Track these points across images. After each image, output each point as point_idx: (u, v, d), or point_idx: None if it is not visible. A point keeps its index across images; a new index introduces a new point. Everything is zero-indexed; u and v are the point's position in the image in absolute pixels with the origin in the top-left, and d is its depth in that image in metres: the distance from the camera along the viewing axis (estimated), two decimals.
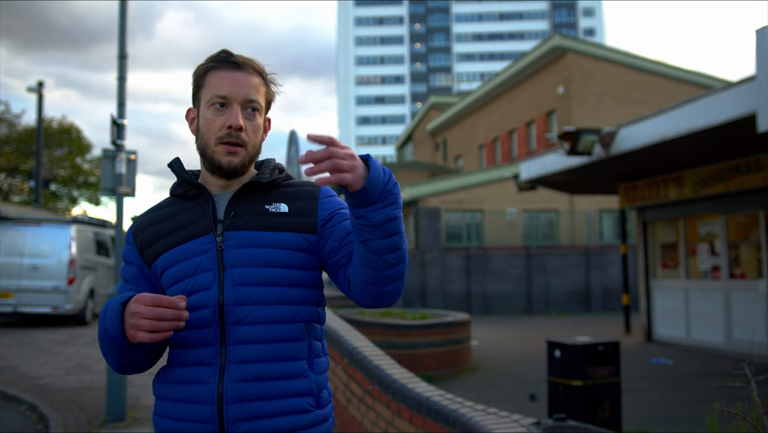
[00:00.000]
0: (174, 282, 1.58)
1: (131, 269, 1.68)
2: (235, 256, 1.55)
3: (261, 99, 1.62)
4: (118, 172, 6.49)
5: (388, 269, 1.48)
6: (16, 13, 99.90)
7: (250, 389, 1.50)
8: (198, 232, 1.59)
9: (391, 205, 1.44)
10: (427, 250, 18.44)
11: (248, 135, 1.60)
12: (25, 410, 6.53)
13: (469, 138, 31.75)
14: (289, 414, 1.52)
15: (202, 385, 1.51)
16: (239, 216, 1.59)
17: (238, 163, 1.59)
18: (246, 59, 1.63)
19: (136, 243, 1.67)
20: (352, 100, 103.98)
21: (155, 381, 1.63)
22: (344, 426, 5.01)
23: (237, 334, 1.52)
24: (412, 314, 9.50)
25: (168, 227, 1.63)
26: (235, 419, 1.49)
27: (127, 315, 1.44)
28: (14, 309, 12.72)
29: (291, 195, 1.65)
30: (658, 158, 9.95)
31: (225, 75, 1.59)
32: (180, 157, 1.71)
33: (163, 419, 1.57)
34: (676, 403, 6.83)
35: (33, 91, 20.66)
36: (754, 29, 6.58)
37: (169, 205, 1.69)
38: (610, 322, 14.94)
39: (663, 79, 23.72)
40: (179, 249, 1.59)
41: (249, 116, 1.60)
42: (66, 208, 35.45)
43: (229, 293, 1.53)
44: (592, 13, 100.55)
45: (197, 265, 1.56)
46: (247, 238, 1.57)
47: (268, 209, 1.60)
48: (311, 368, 1.58)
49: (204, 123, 1.60)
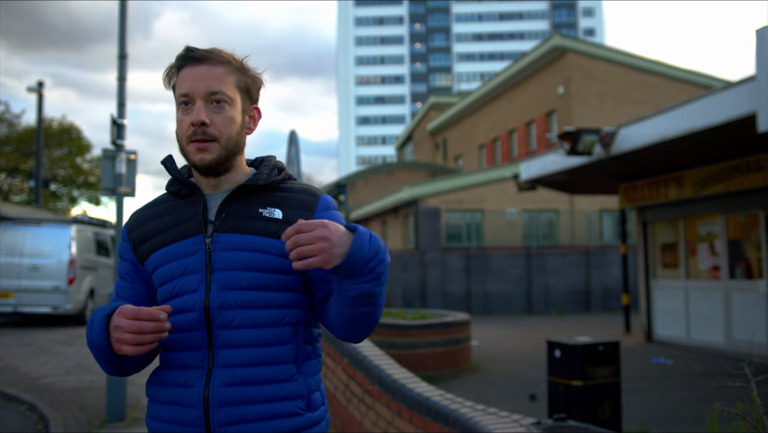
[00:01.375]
0: (163, 282, 1.57)
1: (126, 265, 1.66)
2: (224, 259, 1.52)
3: (227, 89, 1.55)
4: (118, 172, 6.49)
5: (356, 328, 1.54)
6: (13, 13, 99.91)
7: (236, 393, 1.48)
8: (188, 232, 1.57)
9: (371, 282, 1.44)
10: (427, 250, 18.44)
11: (217, 129, 1.54)
12: (25, 410, 6.53)
13: (469, 138, 31.75)
14: (277, 418, 1.51)
15: (189, 388, 1.50)
16: (230, 218, 1.56)
17: (211, 159, 1.55)
18: (208, 51, 1.57)
19: (130, 240, 1.64)
20: (352, 100, 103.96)
21: (148, 383, 1.61)
22: (344, 426, 5.00)
23: (223, 338, 1.50)
24: (412, 314, 9.50)
25: (160, 225, 1.61)
26: (221, 423, 1.47)
27: (111, 328, 1.43)
28: (14, 309, 12.72)
29: (287, 201, 1.60)
30: (658, 158, 9.95)
31: (188, 72, 1.55)
32: (173, 155, 1.66)
33: (155, 421, 1.56)
34: (676, 403, 6.83)
35: (33, 91, 20.66)
36: (754, 29, 6.58)
37: (163, 203, 1.66)
38: (610, 322, 14.94)
39: (663, 79, 23.72)
40: (169, 249, 1.57)
41: (216, 109, 1.54)
42: (66, 208, 35.45)
43: (216, 296, 1.51)
44: (592, 13, 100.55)
45: (185, 266, 1.54)
46: (237, 241, 1.54)
47: (262, 213, 1.56)
48: (300, 371, 1.56)
49: (177, 124, 1.58)
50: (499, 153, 28.56)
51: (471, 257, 18.42)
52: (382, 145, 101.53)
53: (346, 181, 29.90)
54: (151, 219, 1.63)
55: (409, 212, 20.63)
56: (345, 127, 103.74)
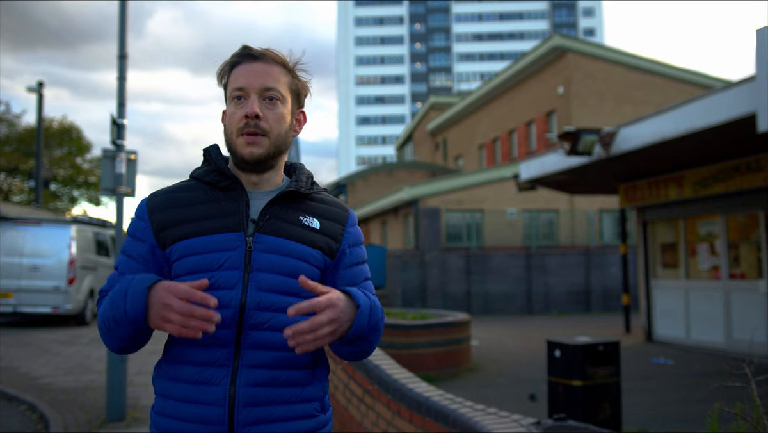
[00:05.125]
0: (192, 272, 1.51)
1: (140, 247, 1.58)
2: (263, 260, 1.53)
3: (281, 87, 1.59)
4: (118, 172, 6.48)
5: (353, 356, 1.64)
6: (3, 12, 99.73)
7: (262, 394, 1.49)
8: (228, 227, 1.54)
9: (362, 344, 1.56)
10: (427, 250, 18.44)
11: (269, 123, 1.56)
12: (25, 410, 6.53)
13: (469, 138, 31.75)
14: (297, 419, 1.54)
15: (213, 386, 1.48)
16: (273, 220, 1.57)
17: (260, 154, 1.56)
18: (265, 50, 1.61)
19: (153, 221, 1.58)
20: (352, 100, 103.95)
21: (157, 377, 1.57)
22: (344, 426, 5.00)
23: (253, 338, 1.50)
24: (412, 314, 9.50)
25: (193, 213, 1.56)
26: (245, 423, 1.48)
27: (156, 303, 1.37)
28: (14, 309, 12.72)
29: (323, 212, 1.65)
30: (658, 158, 9.95)
31: (243, 68, 1.58)
32: (218, 145, 1.67)
33: (167, 418, 1.52)
34: (676, 403, 6.82)
35: (33, 91, 20.65)
36: (754, 29, 6.59)
37: (191, 190, 1.61)
38: (610, 322, 14.94)
39: (663, 79, 23.72)
40: (204, 239, 1.53)
41: (269, 105, 1.57)
42: (66, 208, 35.46)
43: (253, 296, 1.51)
44: (592, 13, 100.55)
45: (224, 260, 1.51)
46: (278, 245, 1.55)
47: (302, 220, 1.60)
48: (315, 374, 1.60)
49: (227, 117, 1.59)
50: (499, 153, 28.56)
51: (471, 257, 18.41)
52: (382, 145, 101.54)
53: (346, 181, 29.89)
54: (181, 205, 1.58)
55: (409, 212, 20.63)
56: (345, 127, 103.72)
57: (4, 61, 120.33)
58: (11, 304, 12.68)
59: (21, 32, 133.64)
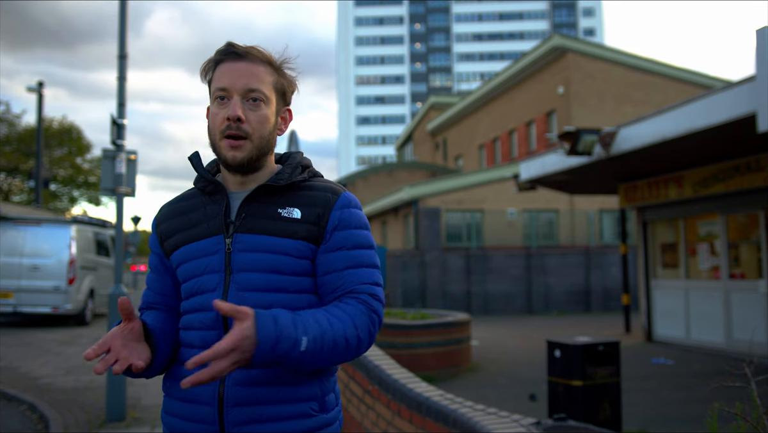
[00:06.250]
0: (185, 279, 1.58)
1: (153, 258, 1.68)
2: (243, 260, 1.52)
3: (265, 88, 1.56)
4: (118, 172, 6.48)
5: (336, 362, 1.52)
6: (2, 12, 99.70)
7: (251, 393, 1.48)
8: (211, 231, 1.56)
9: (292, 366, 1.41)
10: (427, 250, 18.44)
11: (251, 126, 1.53)
12: (25, 410, 6.53)
13: (469, 138, 31.75)
14: (290, 419, 1.50)
15: (204, 386, 1.49)
16: (250, 218, 1.55)
17: (242, 158, 1.54)
18: (249, 48, 1.57)
19: (158, 233, 1.65)
20: (352, 100, 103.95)
21: (165, 377, 1.62)
22: (344, 426, 5.01)
23: None
24: (412, 314, 9.50)
25: (185, 222, 1.61)
26: (235, 423, 1.48)
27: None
28: (14, 309, 12.73)
29: (307, 199, 1.58)
30: (658, 158, 9.95)
31: (226, 67, 1.55)
32: (199, 152, 1.67)
33: (170, 416, 1.57)
34: (676, 403, 6.82)
35: (33, 91, 20.65)
36: (754, 29, 6.59)
37: (189, 198, 1.66)
38: (610, 322, 14.94)
39: (663, 79, 23.72)
40: (192, 246, 1.57)
41: (252, 107, 1.54)
42: (66, 208, 35.47)
43: (233, 298, 1.50)
44: (592, 13, 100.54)
45: (205, 265, 1.54)
46: (256, 242, 1.53)
47: (281, 213, 1.55)
48: (313, 374, 1.54)
49: (210, 118, 1.58)
50: (499, 153, 28.56)
51: (471, 257, 18.41)
52: (382, 145, 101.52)
53: (346, 181, 29.90)
54: (178, 214, 1.64)
55: (409, 212, 20.63)
56: (345, 127, 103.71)
57: (3, 61, 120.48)
58: (11, 304, 12.68)
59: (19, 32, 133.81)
